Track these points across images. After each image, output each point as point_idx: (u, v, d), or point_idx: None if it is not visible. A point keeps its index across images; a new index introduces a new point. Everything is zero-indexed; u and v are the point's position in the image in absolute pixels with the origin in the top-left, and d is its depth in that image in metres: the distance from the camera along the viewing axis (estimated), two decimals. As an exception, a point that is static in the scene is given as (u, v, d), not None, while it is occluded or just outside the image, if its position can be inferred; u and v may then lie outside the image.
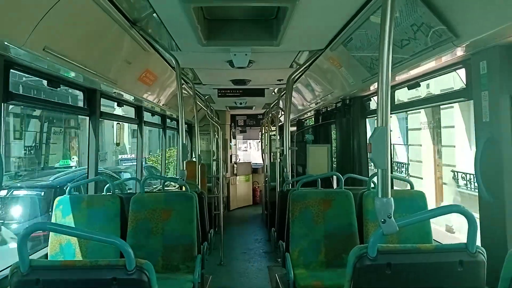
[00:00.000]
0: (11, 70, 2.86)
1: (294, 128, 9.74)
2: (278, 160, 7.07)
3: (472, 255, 1.83)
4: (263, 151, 10.53)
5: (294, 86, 6.16)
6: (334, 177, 6.41)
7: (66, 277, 1.74)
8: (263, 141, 11.28)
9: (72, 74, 3.42)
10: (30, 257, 1.76)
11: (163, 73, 5.28)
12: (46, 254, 3.54)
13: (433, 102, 4.02)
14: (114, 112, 6.04)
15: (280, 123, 8.75)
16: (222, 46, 4.02)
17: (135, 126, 6.26)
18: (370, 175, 5.18)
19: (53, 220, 3.62)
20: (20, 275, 1.70)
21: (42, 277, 1.71)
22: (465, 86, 3.02)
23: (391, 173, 1.96)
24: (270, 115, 9.48)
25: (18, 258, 1.74)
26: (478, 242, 1.97)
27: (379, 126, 1.84)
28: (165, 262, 3.71)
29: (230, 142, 12.25)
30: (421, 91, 7.65)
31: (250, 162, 13.54)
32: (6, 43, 2.35)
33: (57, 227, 1.93)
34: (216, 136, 9.20)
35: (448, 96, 3.66)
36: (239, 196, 12.27)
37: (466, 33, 2.48)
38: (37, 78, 3.44)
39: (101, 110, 4.35)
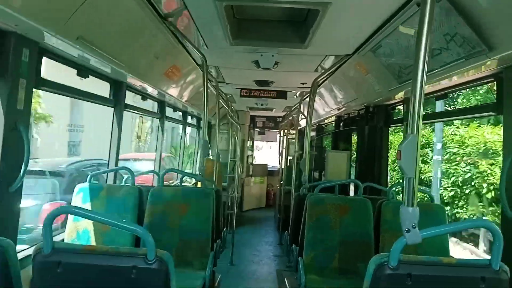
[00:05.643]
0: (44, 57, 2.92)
1: (313, 133, 9.68)
2: (295, 163, 7.03)
3: (495, 272, 1.78)
4: (280, 154, 10.48)
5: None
6: (351, 184, 6.36)
7: (86, 262, 1.75)
8: (281, 143, 11.25)
9: (102, 65, 3.48)
10: None
11: (188, 70, 5.31)
12: (62, 240, 3.59)
13: (463, 115, 3.95)
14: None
15: (300, 127, 8.69)
16: (249, 45, 4.03)
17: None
18: (389, 185, 5.12)
19: None
20: (43, 256, 1.73)
21: (63, 260, 1.73)
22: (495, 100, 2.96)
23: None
24: (290, 118, 9.44)
25: None
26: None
27: (409, 133, 1.81)
28: (178, 257, 3.72)
29: (248, 141, 12.22)
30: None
31: (266, 164, 13.48)
32: (42, 30, 2.40)
33: (81, 212, 1.95)
34: (235, 136, 9.21)
35: (478, 110, 3.59)
36: (253, 197, 12.22)
37: (499, 46, 2.43)
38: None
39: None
